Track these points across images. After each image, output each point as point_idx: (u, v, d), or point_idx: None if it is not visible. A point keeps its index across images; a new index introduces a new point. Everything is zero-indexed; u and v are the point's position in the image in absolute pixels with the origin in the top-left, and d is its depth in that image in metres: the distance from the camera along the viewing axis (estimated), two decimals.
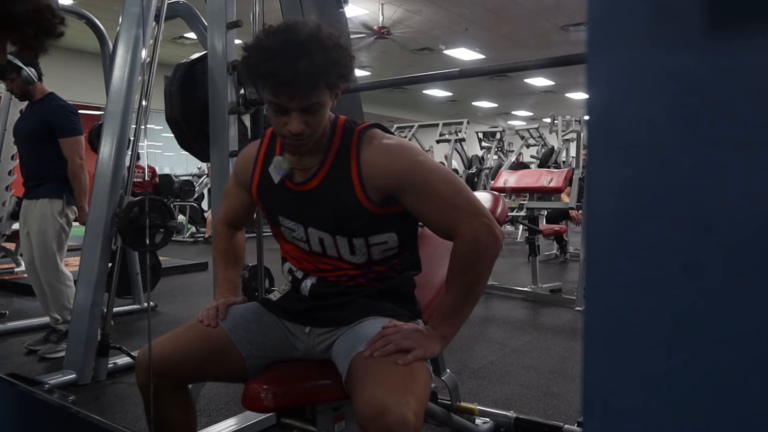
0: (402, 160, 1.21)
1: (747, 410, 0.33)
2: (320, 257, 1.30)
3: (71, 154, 2.90)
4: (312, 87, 1.12)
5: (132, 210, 2.62)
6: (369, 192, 1.21)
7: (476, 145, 10.13)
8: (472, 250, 1.18)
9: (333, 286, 1.31)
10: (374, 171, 1.21)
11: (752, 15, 0.33)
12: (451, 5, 8.20)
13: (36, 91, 2.95)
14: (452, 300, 1.22)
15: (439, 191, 1.20)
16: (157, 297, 4.27)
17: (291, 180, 1.27)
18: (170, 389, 1.30)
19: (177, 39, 9.43)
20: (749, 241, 0.33)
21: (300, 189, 1.27)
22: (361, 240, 1.26)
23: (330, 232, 1.26)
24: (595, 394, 0.38)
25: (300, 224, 1.29)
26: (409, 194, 1.21)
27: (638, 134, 0.36)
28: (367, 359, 1.14)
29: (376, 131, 1.26)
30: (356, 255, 1.28)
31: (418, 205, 1.22)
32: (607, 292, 0.38)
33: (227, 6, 2.16)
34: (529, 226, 4.88)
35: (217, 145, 2.20)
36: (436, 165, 1.24)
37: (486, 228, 1.18)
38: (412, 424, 1.01)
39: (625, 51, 0.37)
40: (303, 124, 1.15)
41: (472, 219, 1.18)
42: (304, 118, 1.15)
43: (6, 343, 3.27)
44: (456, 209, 1.19)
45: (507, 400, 2.42)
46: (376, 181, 1.21)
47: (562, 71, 11.50)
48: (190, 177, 9.54)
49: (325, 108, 1.19)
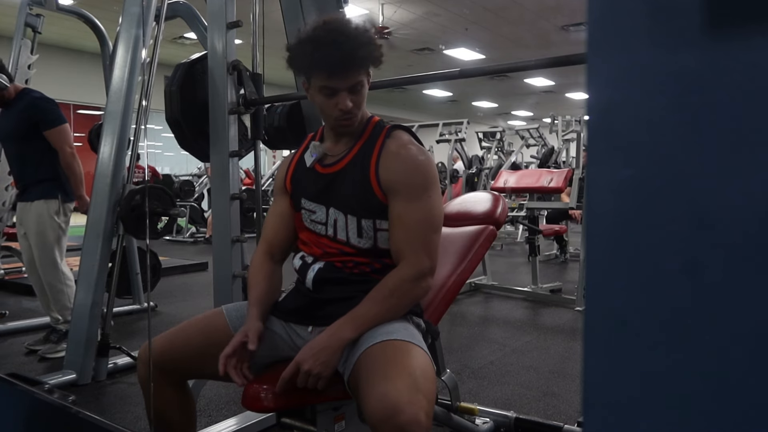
0: (414, 168, 1.31)
1: (747, 410, 0.33)
2: (331, 242, 1.35)
3: (60, 145, 2.85)
4: (357, 68, 1.28)
5: (134, 198, 2.62)
6: (381, 180, 1.31)
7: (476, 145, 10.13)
8: (409, 281, 1.27)
9: (338, 271, 1.33)
10: (387, 163, 1.31)
11: (752, 15, 0.33)
12: (451, 5, 8.20)
13: (10, 93, 2.89)
14: (369, 313, 1.23)
15: (421, 218, 1.29)
16: (157, 297, 4.27)
17: (321, 164, 1.39)
18: (170, 384, 1.33)
19: (177, 39, 9.43)
20: (749, 240, 0.33)
21: (327, 171, 1.38)
22: (369, 222, 1.32)
23: (344, 211, 1.33)
24: (595, 394, 0.38)
25: (322, 204, 1.36)
26: (397, 199, 1.29)
27: (638, 134, 0.36)
28: (372, 358, 1.15)
29: (404, 134, 1.39)
30: (363, 238, 1.32)
31: (396, 213, 1.29)
32: (607, 292, 0.38)
33: (227, 6, 2.16)
34: (529, 226, 4.88)
35: (217, 145, 2.20)
36: (436, 197, 1.32)
37: (428, 275, 1.29)
38: (424, 424, 1.02)
39: (625, 51, 0.37)
40: (350, 102, 1.30)
41: (425, 259, 1.28)
42: (351, 97, 1.30)
43: (6, 343, 3.27)
44: (420, 243, 1.28)
45: (507, 400, 2.42)
46: (385, 172, 1.31)
47: (562, 71, 11.50)
48: (190, 177, 9.53)
49: (365, 88, 1.34)
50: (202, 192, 9.23)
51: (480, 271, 4.81)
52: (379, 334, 1.20)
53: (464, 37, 9.73)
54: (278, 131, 2.31)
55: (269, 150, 9.43)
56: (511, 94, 15.18)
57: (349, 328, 1.21)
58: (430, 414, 1.07)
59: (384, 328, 1.22)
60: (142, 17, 2.70)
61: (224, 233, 2.19)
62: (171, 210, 2.79)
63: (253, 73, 2.22)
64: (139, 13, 2.71)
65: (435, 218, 1.31)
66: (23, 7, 3.79)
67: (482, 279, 4.79)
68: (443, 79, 3.40)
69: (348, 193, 1.33)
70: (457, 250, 1.64)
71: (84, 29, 4.13)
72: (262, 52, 2.28)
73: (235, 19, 2.19)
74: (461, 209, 1.85)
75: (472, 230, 1.70)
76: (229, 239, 2.14)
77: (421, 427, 1.01)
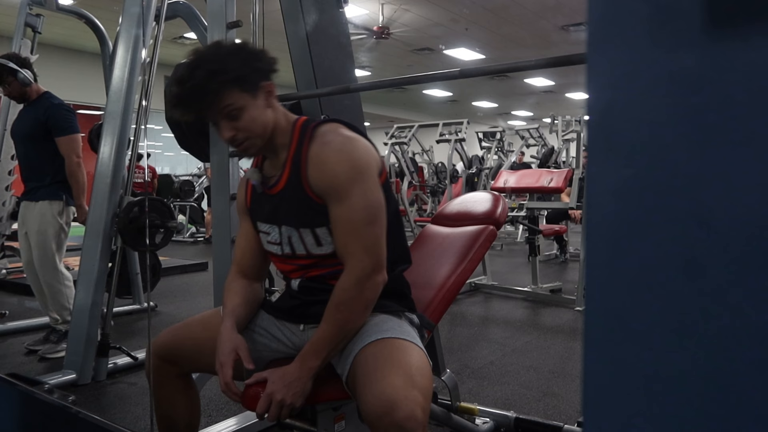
0: (335, 164, 1.22)
1: (747, 410, 0.33)
2: (292, 259, 1.34)
3: (68, 153, 2.90)
4: (205, 97, 1.19)
5: (132, 210, 2.62)
6: (313, 188, 1.25)
7: (476, 145, 10.14)
8: (351, 288, 1.19)
9: (318, 280, 1.33)
10: (313, 168, 1.24)
11: (752, 15, 0.33)
12: (451, 5, 8.20)
13: (32, 91, 2.96)
14: (324, 334, 1.20)
15: (353, 216, 1.21)
16: (157, 297, 4.27)
17: (266, 187, 1.34)
18: (175, 376, 1.39)
19: (177, 39, 9.43)
20: (749, 240, 0.33)
21: (273, 192, 1.33)
22: (323, 230, 1.27)
23: (295, 227, 1.29)
24: (595, 394, 0.38)
25: (275, 225, 1.33)
26: (330, 202, 1.23)
27: (638, 134, 0.36)
28: (368, 357, 1.15)
29: (330, 127, 1.29)
30: (323, 246, 1.29)
31: (331, 217, 1.23)
32: (607, 292, 0.38)
33: (227, 6, 2.16)
34: (529, 226, 4.88)
35: (217, 145, 2.20)
36: (367, 187, 1.22)
37: (372, 273, 1.20)
38: (420, 419, 1.03)
39: (625, 51, 0.37)
40: (233, 129, 1.23)
41: (365, 258, 1.20)
42: (231, 124, 1.22)
43: (6, 343, 3.27)
44: (357, 242, 1.20)
45: (507, 400, 2.42)
46: (314, 179, 1.24)
47: (562, 71, 11.50)
48: (190, 177, 9.53)
49: (250, 108, 1.23)
50: (202, 192, 9.23)
51: (480, 271, 4.81)
52: (374, 332, 1.21)
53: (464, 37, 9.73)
54: None
55: None
56: (511, 94, 15.18)
57: (311, 357, 1.19)
58: (427, 410, 1.07)
59: (379, 327, 1.22)
60: (142, 17, 2.70)
61: (224, 233, 2.19)
62: (169, 223, 2.79)
63: None
64: (139, 13, 2.71)
65: (368, 209, 1.21)
66: (23, 7, 3.79)
67: (482, 279, 4.80)
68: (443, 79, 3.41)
69: (293, 209, 1.29)
70: (457, 250, 1.64)
71: (84, 29, 4.13)
72: None
73: (235, 19, 2.19)
74: (461, 209, 1.85)
75: (472, 230, 1.70)
76: (229, 239, 2.14)
77: (417, 422, 1.02)
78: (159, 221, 2.76)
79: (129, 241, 2.62)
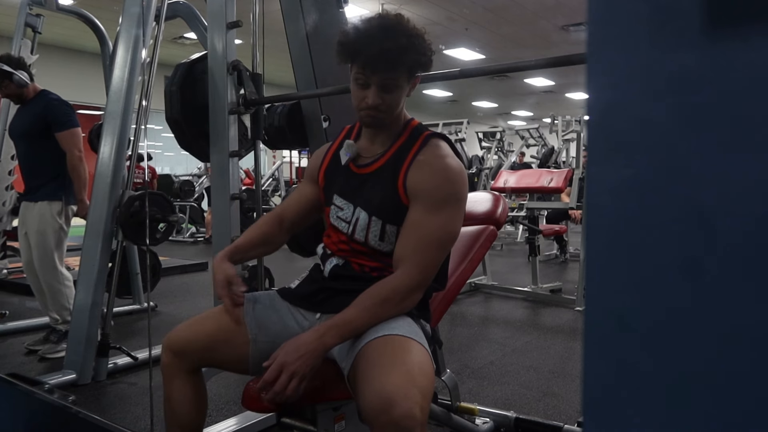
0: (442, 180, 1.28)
1: (747, 410, 0.33)
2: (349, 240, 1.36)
3: (69, 147, 2.89)
4: (392, 65, 1.26)
5: (133, 204, 2.62)
6: (407, 187, 1.30)
7: (476, 145, 10.14)
8: (403, 292, 1.24)
9: (354, 271, 1.35)
10: (417, 171, 1.30)
11: (752, 15, 0.33)
12: (450, 5, 8.20)
13: (29, 91, 2.96)
14: (353, 318, 1.21)
15: (433, 232, 1.26)
16: (157, 297, 4.27)
17: (355, 164, 1.39)
18: (186, 371, 1.39)
19: (177, 39, 9.42)
20: (749, 240, 0.33)
21: (360, 171, 1.38)
22: (393, 228, 1.32)
23: (370, 213, 1.33)
24: (595, 394, 0.38)
25: (351, 203, 1.37)
26: (416, 206, 1.28)
27: (638, 134, 0.36)
28: (371, 353, 1.15)
29: (442, 143, 1.36)
30: (384, 242, 1.33)
31: (411, 219, 1.28)
32: (607, 292, 0.38)
33: (227, 6, 2.16)
34: (529, 226, 4.88)
35: (217, 145, 2.20)
36: (456, 214, 1.29)
37: (418, 290, 1.26)
38: (418, 418, 1.02)
39: (625, 51, 0.37)
40: (380, 99, 1.29)
41: (418, 271, 1.25)
42: (381, 94, 1.29)
43: (6, 343, 3.27)
44: (421, 252, 1.25)
45: (507, 400, 2.42)
46: (413, 180, 1.30)
47: (562, 71, 11.49)
48: (190, 177, 9.54)
49: (401, 90, 1.31)
50: (202, 192, 9.23)
51: (480, 271, 4.81)
52: (380, 328, 1.20)
53: (464, 37, 9.73)
54: (278, 131, 2.31)
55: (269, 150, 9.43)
56: (511, 94, 15.17)
57: (333, 333, 1.18)
58: (426, 409, 1.06)
59: (388, 324, 1.22)
60: (142, 17, 2.70)
61: (224, 233, 2.19)
62: (170, 217, 2.79)
63: (253, 73, 2.22)
64: (139, 13, 2.71)
65: (447, 234, 1.28)
66: (23, 7, 3.79)
67: (482, 279, 4.80)
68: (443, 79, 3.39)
69: (377, 196, 1.33)
70: (458, 250, 1.64)
71: (84, 29, 4.13)
72: (262, 52, 2.28)
73: (235, 19, 2.19)
74: None
75: (473, 230, 1.70)
76: (229, 239, 2.14)
77: (415, 421, 1.02)
78: (160, 215, 2.76)
79: (130, 234, 2.62)
